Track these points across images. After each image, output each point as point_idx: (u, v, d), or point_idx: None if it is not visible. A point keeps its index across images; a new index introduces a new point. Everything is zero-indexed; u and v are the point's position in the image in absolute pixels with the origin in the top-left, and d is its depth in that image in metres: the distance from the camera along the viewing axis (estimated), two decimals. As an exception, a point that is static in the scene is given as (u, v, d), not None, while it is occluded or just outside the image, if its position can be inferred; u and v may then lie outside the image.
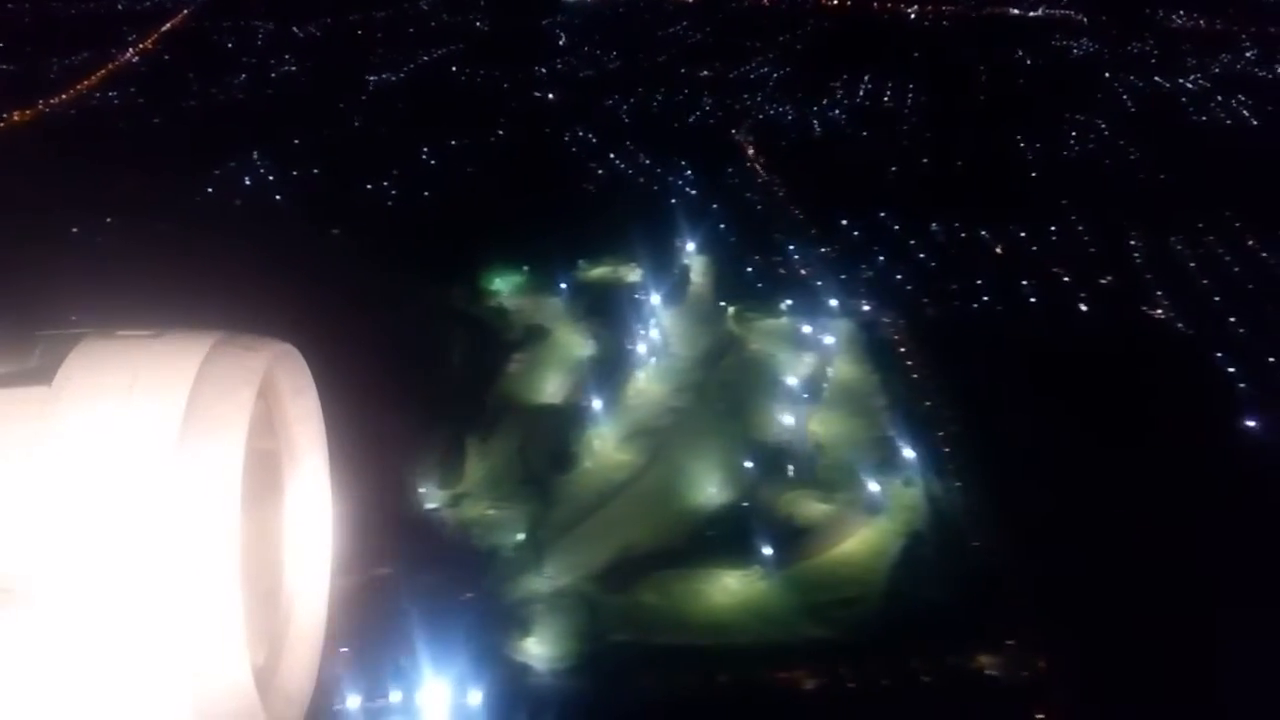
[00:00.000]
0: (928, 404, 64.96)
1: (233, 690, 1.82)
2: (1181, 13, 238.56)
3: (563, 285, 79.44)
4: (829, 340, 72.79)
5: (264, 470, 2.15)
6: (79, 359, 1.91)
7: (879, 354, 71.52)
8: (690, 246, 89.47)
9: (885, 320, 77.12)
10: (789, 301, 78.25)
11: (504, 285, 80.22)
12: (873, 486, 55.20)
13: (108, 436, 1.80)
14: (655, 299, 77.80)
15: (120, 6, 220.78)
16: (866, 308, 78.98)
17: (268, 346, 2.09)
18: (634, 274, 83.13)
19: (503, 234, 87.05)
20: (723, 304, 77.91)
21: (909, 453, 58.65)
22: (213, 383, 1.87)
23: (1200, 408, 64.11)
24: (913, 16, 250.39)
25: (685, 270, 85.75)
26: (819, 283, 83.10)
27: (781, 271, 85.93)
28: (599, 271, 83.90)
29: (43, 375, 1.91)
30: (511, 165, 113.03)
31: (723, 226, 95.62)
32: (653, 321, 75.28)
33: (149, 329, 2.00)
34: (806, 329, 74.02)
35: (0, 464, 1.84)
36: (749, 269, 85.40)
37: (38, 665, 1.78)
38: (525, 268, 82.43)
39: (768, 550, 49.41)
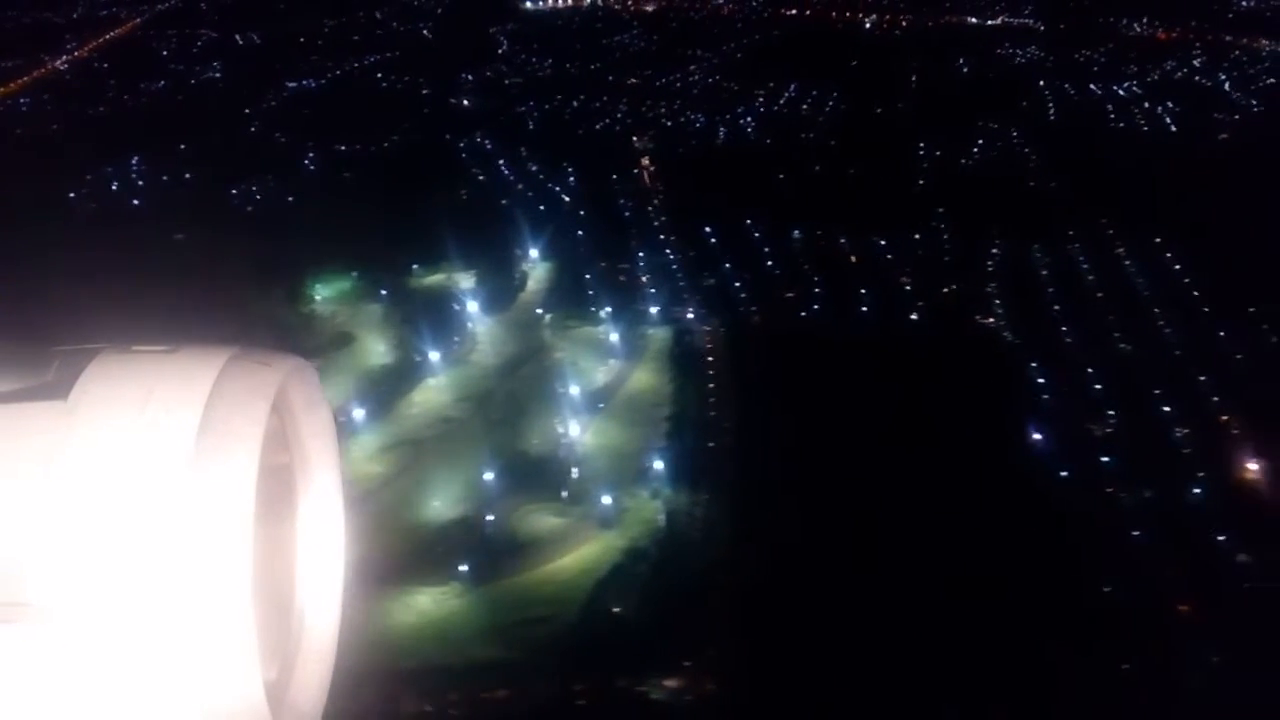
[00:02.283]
0: (712, 414, 63.11)
1: (244, 705, 1.81)
2: (1144, 20, 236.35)
3: (383, 292, 77.83)
4: (638, 349, 71.08)
5: (277, 485, 2.13)
6: (95, 374, 1.93)
7: (685, 363, 69.78)
8: (534, 254, 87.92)
9: (706, 329, 75.35)
10: (609, 309, 76.53)
11: (325, 291, 78.77)
12: (617, 499, 53.35)
13: (123, 451, 1.82)
14: (474, 306, 76.24)
15: (76, 15, 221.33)
16: (691, 316, 77.23)
17: (282, 362, 2.08)
18: (467, 281, 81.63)
19: (350, 240, 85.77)
20: (540, 311, 76.17)
21: (670, 465, 56.80)
22: (227, 398, 1.88)
23: (994, 420, 62.11)
24: (868, 26, 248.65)
25: (523, 278, 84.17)
26: (654, 290, 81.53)
27: (622, 279, 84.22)
28: (432, 279, 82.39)
29: (59, 390, 1.93)
30: (392, 172, 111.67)
31: (581, 234, 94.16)
32: (466, 329, 73.73)
33: (165, 344, 2.02)
34: (617, 337, 72.30)
35: (16, 478, 1.86)
36: (589, 276, 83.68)
37: (52, 678, 1.79)
38: (354, 274, 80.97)
39: (477, 567, 47.61)
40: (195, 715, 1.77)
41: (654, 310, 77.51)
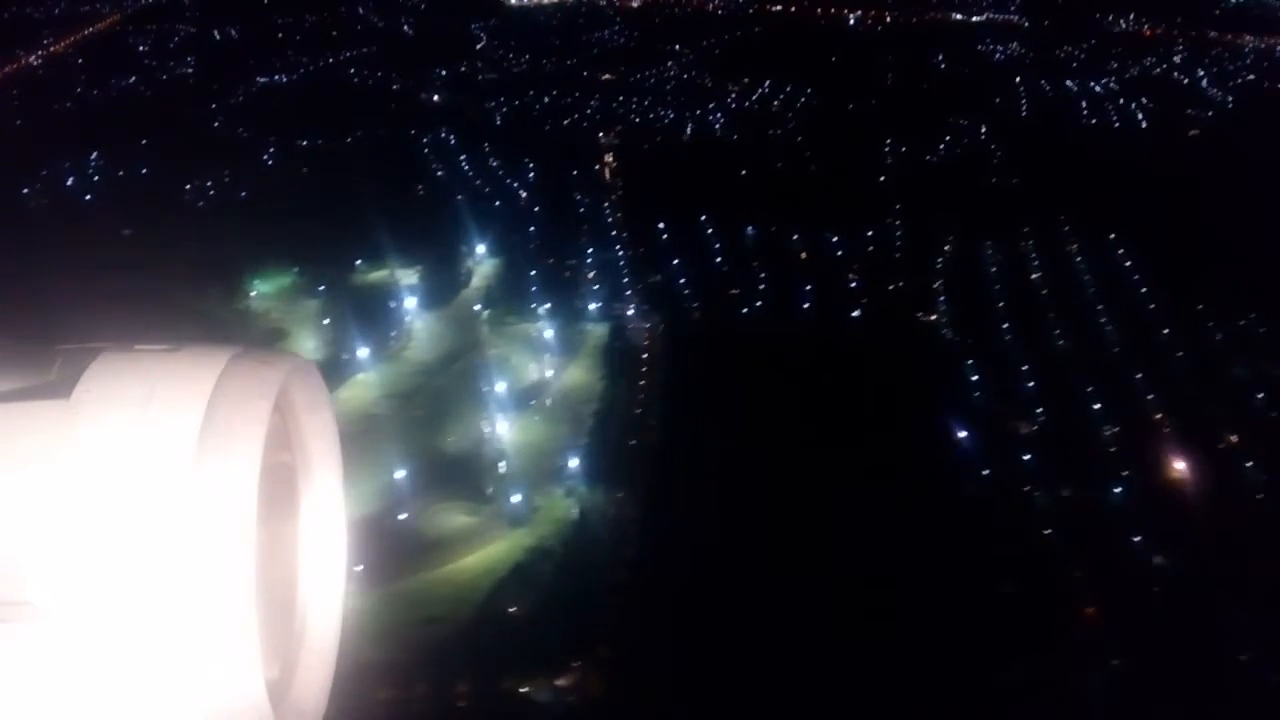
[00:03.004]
0: (639, 412, 62.62)
1: (246, 705, 1.81)
2: (1131, 16, 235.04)
3: (321, 288, 77.33)
4: (575, 346, 70.60)
5: (279, 484, 2.14)
6: (97, 372, 1.94)
7: (620, 360, 69.27)
8: (482, 250, 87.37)
9: (645, 325, 74.84)
10: (550, 306, 76.01)
11: (265, 287, 78.27)
12: (530, 497, 52.87)
13: (125, 449, 1.83)
14: (412, 303, 75.74)
15: (58, 10, 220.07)
16: (632, 313, 76.72)
17: (284, 360, 2.10)
18: (410, 277, 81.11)
19: (298, 235, 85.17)
20: (479, 308, 75.68)
21: (591, 463, 56.32)
22: (229, 396, 1.90)
23: (920, 418, 61.59)
24: (851, 23, 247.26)
25: (467, 274, 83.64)
26: (598, 287, 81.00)
27: (567, 275, 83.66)
28: (375, 274, 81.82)
29: (62, 389, 1.94)
30: (350, 167, 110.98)
31: (533, 229, 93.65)
32: (402, 325, 73.27)
33: (167, 343, 2.04)
34: (554, 334, 71.80)
35: (19, 476, 1.87)
36: (535, 272, 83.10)
37: (53, 677, 1.80)
38: (295, 269, 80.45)
39: (379, 566, 47.02)
40: (198, 714, 1.77)
41: (595, 307, 77.03)
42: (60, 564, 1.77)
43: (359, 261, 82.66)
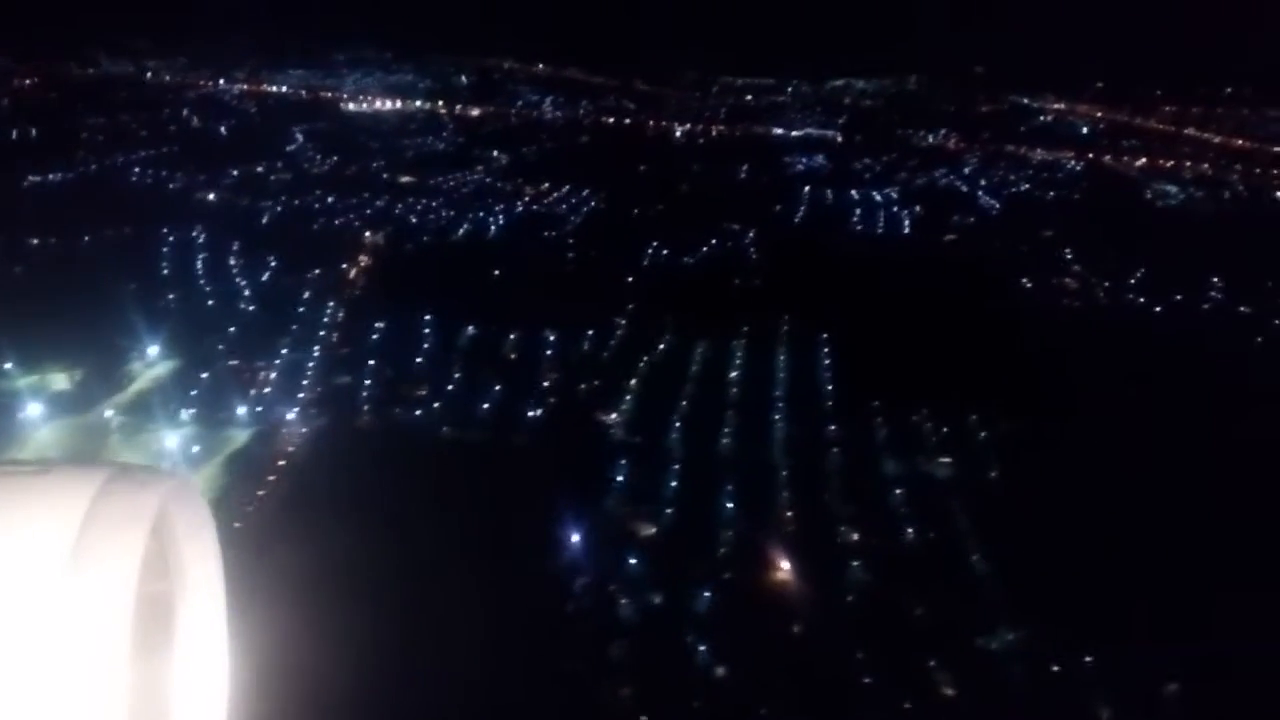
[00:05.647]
0: (237, 526, 57.72)
1: None
2: (942, 132, 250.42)
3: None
4: (204, 455, 65.73)
5: (156, 614, 2.02)
6: None
7: (248, 470, 64.62)
8: (156, 352, 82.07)
9: (301, 430, 70.66)
10: (200, 411, 71.19)
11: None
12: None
13: None
14: (39, 410, 69.78)
15: None
16: (292, 417, 72.48)
17: (162, 481, 2.04)
18: (62, 382, 75.14)
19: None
20: (112, 415, 70.20)
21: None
22: (102, 522, 1.83)
23: (546, 521, 58.72)
24: (678, 134, 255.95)
25: (129, 378, 78.10)
26: (269, 391, 76.68)
27: (245, 378, 79.00)
28: (23, 380, 75.40)
29: None
30: (69, 267, 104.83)
31: (234, 330, 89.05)
32: (21, 434, 66.99)
33: (37, 464, 1.94)
34: (183, 443, 66.83)
35: None
36: (207, 376, 78.07)
37: None
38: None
39: None
40: None
41: (255, 412, 72.44)
42: None
43: (7, 366, 76.11)
